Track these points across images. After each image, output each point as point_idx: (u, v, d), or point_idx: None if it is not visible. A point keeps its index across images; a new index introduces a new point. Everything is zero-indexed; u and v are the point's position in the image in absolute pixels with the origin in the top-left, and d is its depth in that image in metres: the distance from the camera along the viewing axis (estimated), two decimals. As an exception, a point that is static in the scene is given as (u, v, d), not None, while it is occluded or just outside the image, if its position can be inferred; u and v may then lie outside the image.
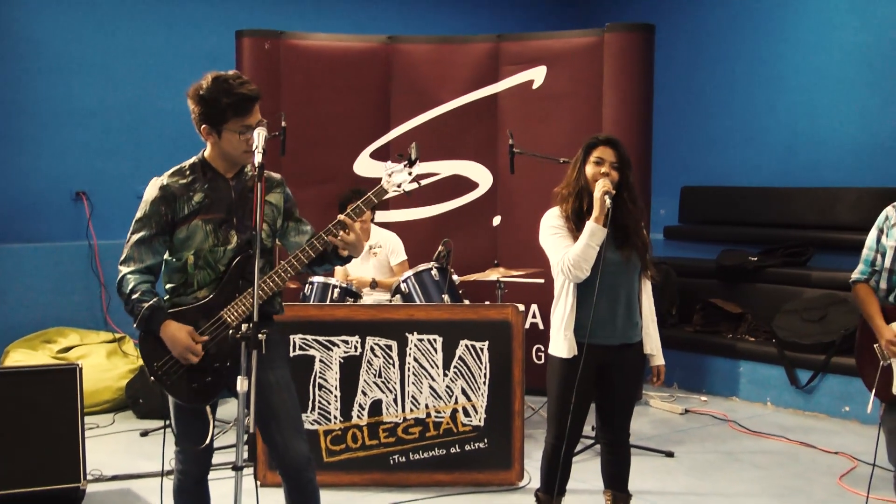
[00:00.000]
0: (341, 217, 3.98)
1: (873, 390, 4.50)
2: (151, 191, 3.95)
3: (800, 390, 8.07)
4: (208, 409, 4.03)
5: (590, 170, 4.68)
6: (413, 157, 4.17)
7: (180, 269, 3.99)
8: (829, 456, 6.83)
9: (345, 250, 4.03)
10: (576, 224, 4.66)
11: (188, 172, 4.00)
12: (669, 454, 6.80)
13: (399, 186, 4.14)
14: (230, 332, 3.78)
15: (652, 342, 4.81)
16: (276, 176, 4.20)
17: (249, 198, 4.02)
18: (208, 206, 3.96)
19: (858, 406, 7.59)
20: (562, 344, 4.68)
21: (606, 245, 4.58)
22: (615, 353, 4.71)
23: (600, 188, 4.55)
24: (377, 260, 7.44)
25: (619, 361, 4.74)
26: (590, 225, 4.53)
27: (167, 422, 4.14)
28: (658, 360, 4.86)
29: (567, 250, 4.59)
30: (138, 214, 3.95)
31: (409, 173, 4.14)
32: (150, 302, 3.87)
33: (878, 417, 4.62)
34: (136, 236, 3.94)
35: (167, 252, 4.00)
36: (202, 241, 3.95)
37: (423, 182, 4.22)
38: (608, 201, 4.51)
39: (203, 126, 3.91)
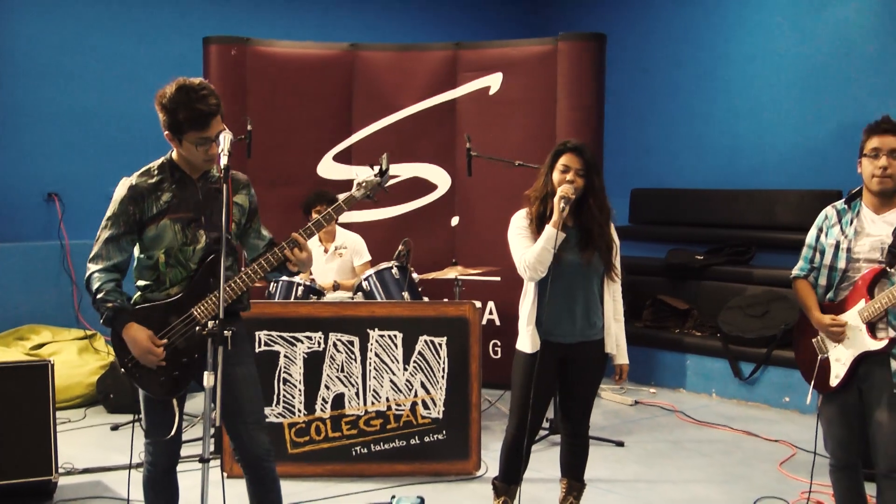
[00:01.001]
0: (294, 235, 4.01)
1: (812, 383, 4.54)
2: (121, 190, 3.93)
3: (743, 382, 8.14)
4: (175, 401, 4.01)
5: (556, 176, 4.69)
6: (384, 167, 4.18)
7: (152, 267, 3.97)
8: (769, 444, 6.90)
9: (294, 266, 4.05)
10: (538, 227, 4.67)
11: (156, 172, 3.98)
12: (620, 444, 6.84)
13: (369, 196, 4.16)
14: (197, 328, 3.77)
15: (613, 341, 4.80)
16: (243, 177, 4.19)
17: (216, 198, 4.01)
18: (176, 206, 3.95)
19: (798, 396, 7.68)
20: (525, 339, 4.72)
21: (568, 247, 4.61)
22: (574, 350, 4.73)
23: (559, 194, 4.57)
24: (342, 261, 7.42)
25: (578, 358, 4.77)
26: (547, 229, 4.54)
27: (136, 416, 4.12)
28: (620, 359, 4.85)
29: (526, 251, 4.62)
30: (108, 213, 3.94)
31: (380, 183, 4.17)
32: (115, 303, 3.85)
33: (815, 407, 4.66)
34: (105, 234, 3.93)
35: (138, 250, 3.99)
36: (172, 240, 3.94)
37: (385, 184, 4.19)
38: (563, 206, 4.52)
39: (166, 132, 3.90)
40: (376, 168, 4.20)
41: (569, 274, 4.64)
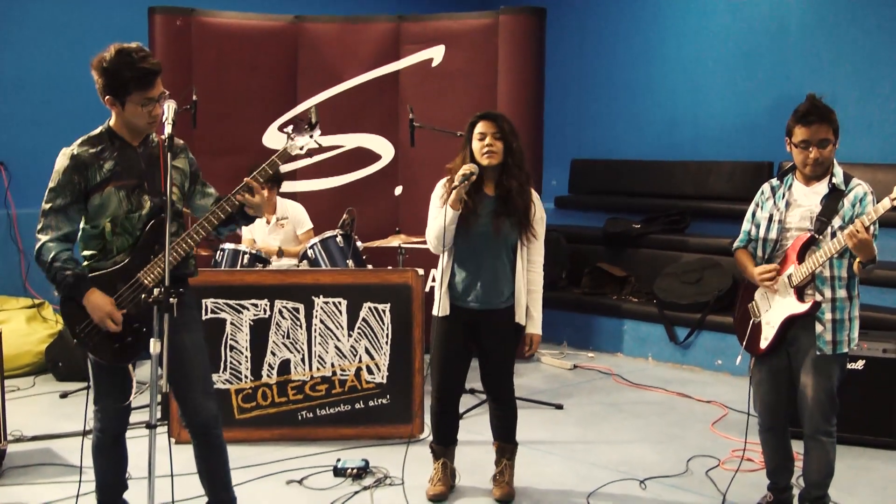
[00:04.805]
0: (247, 180, 3.97)
1: (743, 344, 4.64)
2: (62, 161, 3.87)
3: (678, 346, 8.24)
4: (130, 367, 3.99)
5: (475, 145, 4.75)
6: (313, 120, 4.19)
7: (98, 237, 3.92)
8: (702, 405, 7.00)
9: (250, 209, 4.02)
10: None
11: (97, 142, 3.92)
12: (559, 406, 6.89)
13: (301, 148, 4.16)
14: (143, 296, 3.73)
15: (522, 311, 4.82)
16: (180, 142, 4.15)
17: (157, 164, 3.97)
18: (120, 174, 3.89)
19: (730, 359, 7.78)
20: (437, 303, 4.81)
21: (483, 213, 4.68)
22: (482, 316, 4.80)
23: (461, 171, 4.63)
24: (284, 231, 7.39)
25: (487, 325, 4.83)
26: (445, 208, 4.65)
27: (88, 384, 4.08)
28: (529, 328, 4.86)
29: (430, 225, 4.76)
30: (51, 184, 3.87)
31: (311, 136, 4.17)
32: (75, 270, 3.81)
33: (747, 370, 4.75)
34: (50, 205, 3.86)
35: (83, 220, 3.93)
36: (117, 208, 3.88)
37: (329, 154, 4.17)
38: (462, 181, 4.58)
39: (107, 97, 3.84)
40: (305, 124, 4.20)
41: (478, 241, 4.73)
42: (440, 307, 4.80)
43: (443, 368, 4.86)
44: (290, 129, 4.19)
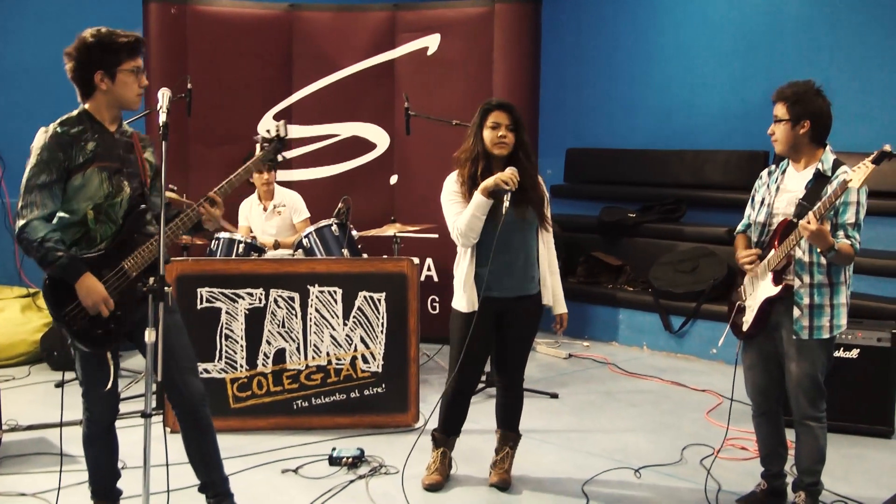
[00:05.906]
0: (210, 194, 4.02)
1: (728, 324, 4.66)
2: (44, 137, 3.83)
3: (673, 335, 8.26)
4: (109, 354, 3.98)
5: (487, 134, 4.71)
6: (282, 134, 4.30)
7: (77, 224, 3.88)
8: (697, 393, 7.02)
9: (209, 223, 4.04)
10: (470, 189, 4.69)
11: (76, 123, 3.90)
12: (554, 395, 6.91)
13: (271, 161, 4.30)
14: (139, 285, 3.73)
15: (549, 293, 4.86)
16: (147, 137, 4.21)
17: (132, 150, 4.01)
18: (102, 155, 3.88)
19: (724, 348, 7.78)
20: (462, 299, 4.74)
21: (500, 203, 4.61)
22: (512, 304, 4.78)
23: (507, 174, 4.55)
24: (281, 219, 7.40)
25: (516, 312, 4.81)
26: (476, 197, 4.58)
27: (62, 379, 4.09)
28: (559, 308, 4.92)
29: (457, 218, 4.65)
30: (33, 161, 3.81)
31: (278, 150, 4.30)
32: (68, 252, 3.78)
33: (734, 357, 4.78)
34: (35, 181, 3.79)
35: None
36: (97, 190, 3.86)
37: (325, 143, 4.17)
38: (506, 190, 4.51)
39: (97, 72, 3.84)
40: (274, 138, 4.31)
41: (506, 230, 4.66)
42: (467, 303, 4.73)
43: (467, 363, 4.74)
44: (260, 140, 4.31)
